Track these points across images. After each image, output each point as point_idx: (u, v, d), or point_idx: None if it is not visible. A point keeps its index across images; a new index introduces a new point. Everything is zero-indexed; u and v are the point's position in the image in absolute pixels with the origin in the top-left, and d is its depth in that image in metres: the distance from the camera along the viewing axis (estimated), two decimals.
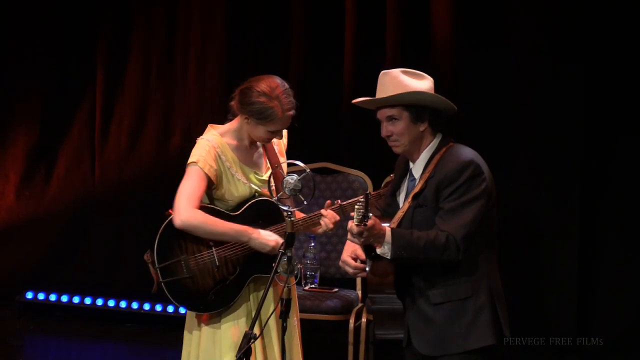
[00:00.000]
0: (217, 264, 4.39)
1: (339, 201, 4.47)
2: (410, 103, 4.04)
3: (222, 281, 4.41)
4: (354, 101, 4.21)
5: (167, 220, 4.38)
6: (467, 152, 4.06)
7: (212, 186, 4.42)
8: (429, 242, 3.93)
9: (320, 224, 4.42)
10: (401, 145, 4.10)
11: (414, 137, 4.08)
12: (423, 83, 4.07)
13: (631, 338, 6.51)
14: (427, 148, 4.10)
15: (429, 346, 4.06)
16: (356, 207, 3.81)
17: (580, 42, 6.49)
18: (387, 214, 4.22)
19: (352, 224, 3.87)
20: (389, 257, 3.96)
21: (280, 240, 4.28)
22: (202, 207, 4.40)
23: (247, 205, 4.44)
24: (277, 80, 4.39)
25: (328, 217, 4.39)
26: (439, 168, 4.02)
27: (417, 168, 4.12)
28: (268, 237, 4.36)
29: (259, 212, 4.44)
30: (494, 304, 4.02)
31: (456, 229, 3.94)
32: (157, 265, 4.38)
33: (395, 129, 4.08)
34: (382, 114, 4.11)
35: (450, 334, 4.01)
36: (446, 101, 4.06)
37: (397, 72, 4.10)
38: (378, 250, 3.97)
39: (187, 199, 4.34)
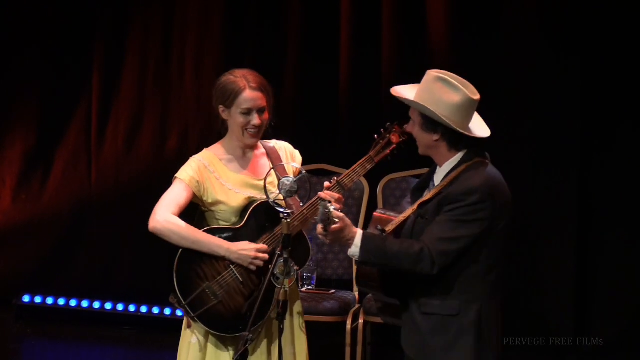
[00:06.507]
0: (241, 279, 4.29)
1: (335, 178, 4.36)
2: (421, 111, 3.97)
3: (252, 294, 4.29)
4: (392, 89, 4.09)
5: (177, 255, 4.26)
6: (481, 177, 3.91)
7: (199, 199, 4.36)
8: (401, 251, 3.86)
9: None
10: (419, 147, 4.06)
11: (427, 145, 4.01)
12: (449, 96, 3.93)
13: (631, 337, 6.50)
14: (449, 161, 4.00)
15: (414, 350, 4.02)
16: (319, 211, 3.81)
17: (576, 33, 6.51)
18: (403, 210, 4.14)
19: (318, 226, 3.86)
20: (357, 260, 3.93)
21: (260, 247, 4.26)
22: (207, 230, 4.33)
23: (247, 214, 4.35)
24: (253, 71, 4.38)
25: (328, 198, 4.32)
26: (451, 185, 3.92)
27: (438, 176, 4.04)
28: (245, 248, 4.28)
29: (262, 216, 4.35)
30: (480, 328, 3.91)
31: (435, 242, 3.85)
32: (183, 303, 4.24)
33: (412, 130, 4.05)
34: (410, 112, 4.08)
35: (433, 346, 3.95)
36: (452, 124, 3.89)
37: (434, 76, 3.98)
38: (348, 252, 3.93)
39: (165, 204, 4.31)
